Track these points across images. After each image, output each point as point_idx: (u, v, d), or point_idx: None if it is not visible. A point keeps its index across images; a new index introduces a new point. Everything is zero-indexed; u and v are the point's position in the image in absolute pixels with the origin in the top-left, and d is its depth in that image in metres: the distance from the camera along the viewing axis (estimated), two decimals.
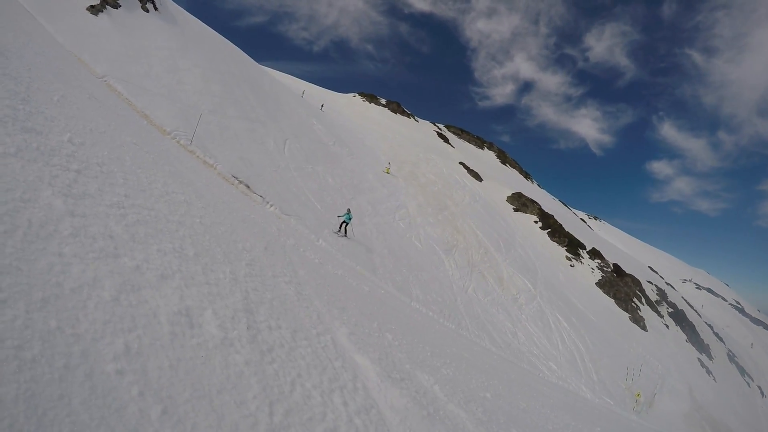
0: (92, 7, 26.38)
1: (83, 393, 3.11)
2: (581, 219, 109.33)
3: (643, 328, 45.74)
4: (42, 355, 3.15)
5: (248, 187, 19.73)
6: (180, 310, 4.88)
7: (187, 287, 5.48)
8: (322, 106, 51.36)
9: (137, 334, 4.06)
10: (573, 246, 55.46)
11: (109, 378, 3.40)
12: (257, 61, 52.96)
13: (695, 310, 75.03)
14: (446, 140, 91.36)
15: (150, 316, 4.45)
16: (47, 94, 9.28)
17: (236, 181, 19.46)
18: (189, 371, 4.12)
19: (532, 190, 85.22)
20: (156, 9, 33.27)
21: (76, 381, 3.16)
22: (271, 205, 19.60)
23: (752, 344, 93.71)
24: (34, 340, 3.20)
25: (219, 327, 5.15)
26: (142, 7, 31.58)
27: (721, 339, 69.33)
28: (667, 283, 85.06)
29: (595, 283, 49.78)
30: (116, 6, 28.51)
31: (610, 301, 47.16)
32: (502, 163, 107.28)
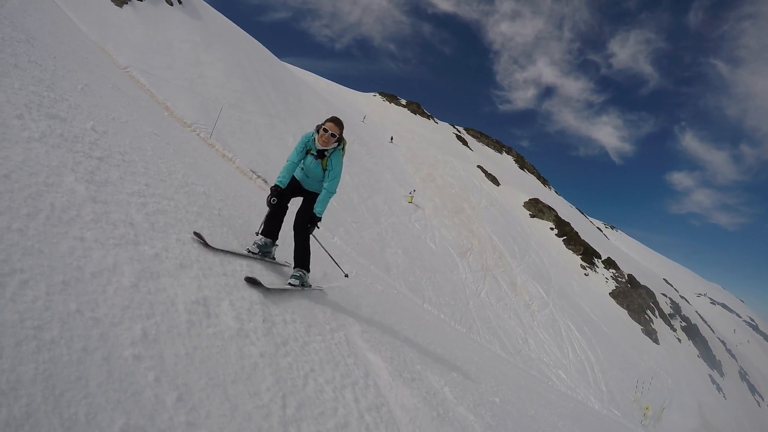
0: None
1: (100, 376, 3.13)
2: (598, 228, 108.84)
3: (655, 341, 45.38)
4: (61, 336, 3.18)
5: (266, 181, 19.79)
6: (197, 300, 4.91)
7: (205, 277, 5.51)
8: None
9: (155, 321, 4.09)
10: (588, 254, 55.12)
11: (127, 363, 3.42)
12: (279, 57, 53.10)
13: (708, 325, 74.24)
14: (465, 143, 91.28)
15: (168, 303, 4.48)
16: (71, 82, 9.38)
17: (254, 176, 19.54)
18: (205, 360, 4.14)
19: (549, 196, 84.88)
20: (180, 2, 33.51)
21: (93, 364, 3.18)
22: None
23: (748, 341, 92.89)
24: (53, 321, 3.23)
25: (235, 318, 5.18)
26: (166, 0, 31.82)
27: (733, 356, 68.60)
28: (682, 297, 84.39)
29: (609, 293, 49.45)
30: None
31: (623, 312, 46.82)
32: (520, 168, 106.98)
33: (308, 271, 7.95)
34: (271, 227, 8.17)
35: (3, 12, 10.01)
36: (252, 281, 6.33)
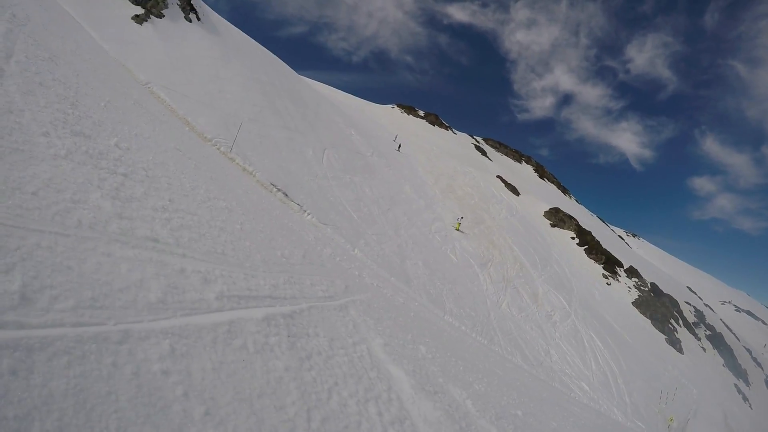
0: (137, 16, 27.05)
1: (130, 391, 3.18)
2: (619, 236, 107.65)
3: (679, 350, 44.71)
4: (91, 352, 3.23)
5: (286, 195, 19.89)
6: (222, 314, 4.95)
7: (229, 291, 5.56)
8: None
9: (182, 336, 4.13)
10: (610, 264, 54.59)
11: (155, 377, 3.47)
12: (297, 71, 53.51)
13: (734, 333, 73.08)
14: (484, 153, 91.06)
15: (194, 317, 4.52)
16: (94, 99, 9.53)
17: (274, 189, 19.64)
18: (231, 374, 4.18)
19: (569, 205, 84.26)
20: (199, 19, 33.92)
21: (123, 378, 3.22)
22: (309, 214, 19.72)
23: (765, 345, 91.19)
24: (83, 337, 3.28)
25: (259, 332, 5.21)
26: (185, 17, 32.24)
27: (759, 364, 67.38)
28: (706, 305, 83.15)
29: (632, 303, 48.87)
30: (160, 16, 29.16)
31: (647, 322, 46.23)
32: (539, 177, 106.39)
33: None
34: None
35: (26, 30, 10.21)
36: None
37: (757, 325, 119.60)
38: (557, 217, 60.67)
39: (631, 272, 56.46)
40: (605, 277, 51.49)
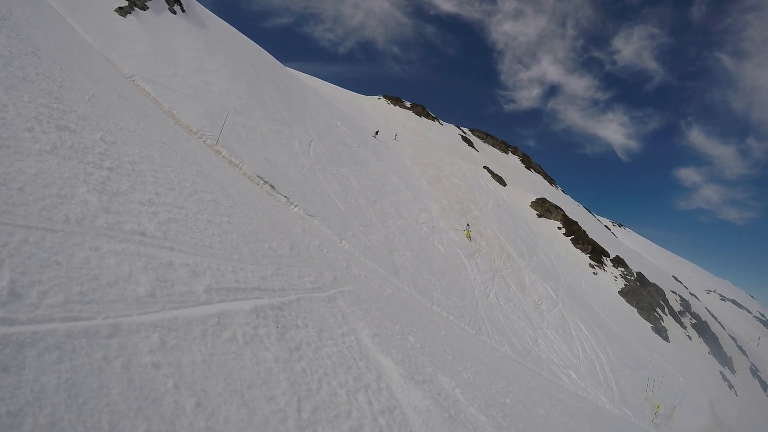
0: (120, 8, 26.75)
1: (121, 384, 3.19)
2: (605, 226, 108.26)
3: (666, 338, 45.12)
4: (81, 346, 3.24)
5: (273, 187, 19.84)
6: (211, 307, 4.97)
7: (217, 284, 5.57)
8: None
9: (171, 329, 4.15)
10: (596, 253, 54.90)
11: (146, 370, 3.49)
12: (283, 63, 53.18)
13: (719, 322, 73.82)
14: (471, 144, 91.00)
15: (183, 311, 4.54)
16: (79, 93, 9.46)
17: (261, 182, 19.58)
18: (221, 366, 4.21)
19: (556, 195, 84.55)
20: (183, 11, 33.61)
21: (114, 372, 3.24)
22: (296, 206, 19.69)
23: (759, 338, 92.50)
24: (73, 331, 3.29)
25: (248, 324, 5.23)
26: (169, 9, 31.94)
27: (744, 352, 68.14)
28: (691, 294, 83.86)
29: (618, 292, 49.22)
30: (144, 8, 28.86)
31: (633, 311, 46.59)
32: (526, 167, 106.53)
33: None
34: None
35: (9, 24, 10.11)
36: None
37: (742, 313, 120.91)
38: (544, 208, 60.87)
39: (618, 262, 56.84)
40: (592, 266, 51.80)
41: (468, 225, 37.29)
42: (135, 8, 28.02)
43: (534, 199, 63.14)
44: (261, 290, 6.46)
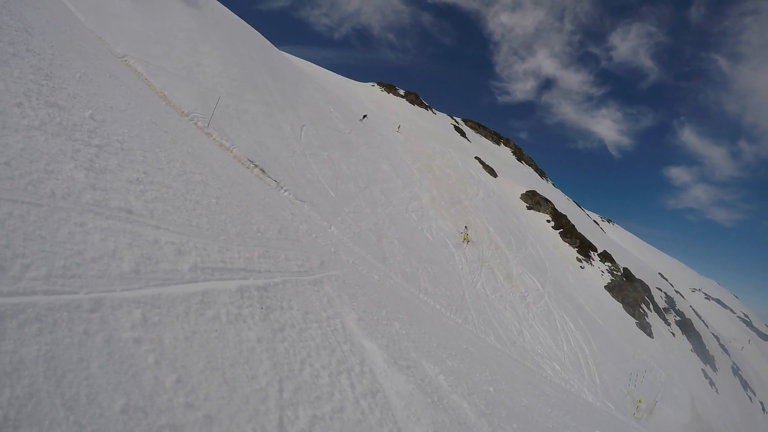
0: None
1: (101, 358, 3.20)
2: (594, 221, 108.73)
3: (650, 334, 45.53)
4: (62, 320, 3.24)
5: (263, 171, 19.79)
6: (195, 285, 4.98)
7: (202, 263, 5.58)
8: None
9: (154, 305, 4.16)
10: (584, 247, 55.20)
11: (127, 345, 3.50)
12: (277, 46, 52.81)
13: (702, 320, 74.49)
14: (463, 134, 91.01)
15: (166, 288, 4.54)
16: (69, 71, 9.38)
17: (252, 165, 19.53)
18: (203, 344, 4.22)
19: (546, 188, 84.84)
20: None
21: (94, 346, 3.25)
22: (285, 190, 19.66)
23: (749, 340, 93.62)
24: (55, 304, 3.30)
25: (232, 304, 5.24)
26: None
27: (726, 351, 68.85)
28: (677, 291, 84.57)
29: (604, 287, 49.58)
30: None
31: (618, 306, 46.97)
32: (517, 159, 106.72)
33: None
34: None
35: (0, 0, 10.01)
36: None
37: (725, 313, 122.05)
38: (534, 200, 61.07)
39: (605, 257, 57.21)
40: (579, 260, 52.10)
41: (466, 227, 37.36)
42: None
43: (524, 191, 63.33)
44: (247, 271, 6.47)
